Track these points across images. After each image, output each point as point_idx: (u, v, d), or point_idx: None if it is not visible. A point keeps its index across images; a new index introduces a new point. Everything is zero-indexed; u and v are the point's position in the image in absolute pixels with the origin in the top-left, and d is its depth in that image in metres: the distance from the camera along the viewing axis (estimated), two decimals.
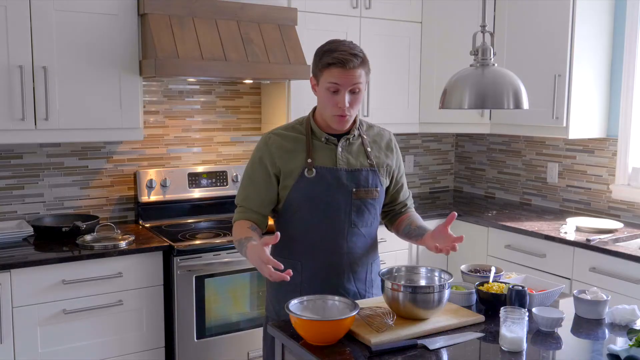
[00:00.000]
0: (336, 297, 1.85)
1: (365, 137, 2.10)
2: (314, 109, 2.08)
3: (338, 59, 1.90)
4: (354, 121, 2.06)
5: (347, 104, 1.93)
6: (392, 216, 2.24)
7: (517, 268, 3.24)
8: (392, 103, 3.82)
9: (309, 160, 1.99)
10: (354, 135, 2.07)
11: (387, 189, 2.17)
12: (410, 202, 2.27)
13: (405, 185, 2.25)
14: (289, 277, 1.75)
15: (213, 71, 3.00)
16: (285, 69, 3.17)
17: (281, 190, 2.04)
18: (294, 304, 1.77)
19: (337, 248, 2.03)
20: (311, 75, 2.02)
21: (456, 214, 1.96)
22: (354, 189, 2.02)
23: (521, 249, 3.30)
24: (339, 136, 2.04)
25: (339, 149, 2.03)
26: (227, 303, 3.03)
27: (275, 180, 2.03)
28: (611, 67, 3.52)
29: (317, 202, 2.00)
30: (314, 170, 1.99)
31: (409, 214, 2.21)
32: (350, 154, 2.05)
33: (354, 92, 1.94)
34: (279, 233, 1.81)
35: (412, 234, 2.11)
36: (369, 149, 2.08)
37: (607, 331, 1.86)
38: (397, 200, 2.22)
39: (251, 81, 3.59)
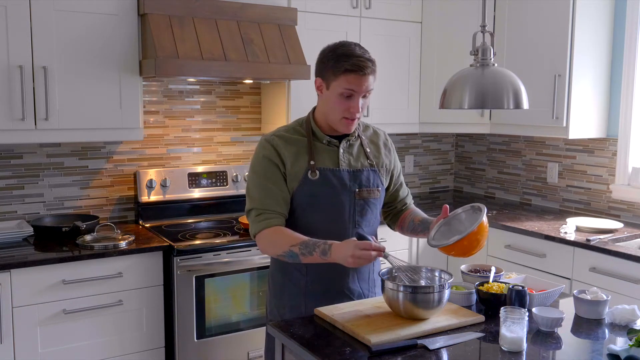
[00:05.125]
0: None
1: (363, 137, 2.11)
2: (314, 110, 2.07)
3: (357, 66, 1.89)
4: None
5: (360, 109, 1.94)
6: (394, 215, 2.26)
7: (517, 268, 3.24)
8: (392, 103, 3.82)
9: (312, 162, 1.99)
10: (355, 137, 2.07)
11: (387, 188, 2.18)
12: (410, 200, 2.28)
13: (404, 183, 2.26)
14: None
15: (213, 71, 3.00)
16: (285, 69, 3.17)
17: None
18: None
19: None
20: (317, 77, 1.99)
21: (448, 206, 2.00)
22: (357, 189, 2.03)
23: (521, 249, 3.30)
24: (339, 138, 2.05)
25: (341, 151, 2.03)
26: (227, 303, 3.03)
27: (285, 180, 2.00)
28: (611, 67, 3.52)
29: (321, 203, 1.99)
30: (317, 172, 1.98)
31: (410, 210, 2.23)
32: (351, 155, 2.05)
33: (364, 97, 1.96)
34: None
35: (417, 230, 2.13)
36: (368, 150, 2.09)
37: (607, 331, 1.86)
38: (398, 199, 2.24)
39: (251, 81, 3.59)
